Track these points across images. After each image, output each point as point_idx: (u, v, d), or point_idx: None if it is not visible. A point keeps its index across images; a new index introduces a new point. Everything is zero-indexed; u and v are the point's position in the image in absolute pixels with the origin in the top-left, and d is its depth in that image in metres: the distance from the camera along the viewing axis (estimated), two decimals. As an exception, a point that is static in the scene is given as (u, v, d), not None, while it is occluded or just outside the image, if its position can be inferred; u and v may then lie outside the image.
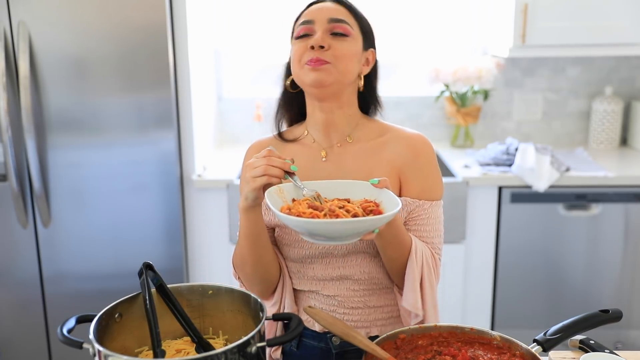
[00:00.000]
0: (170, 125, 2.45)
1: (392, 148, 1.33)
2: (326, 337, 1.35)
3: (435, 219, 1.33)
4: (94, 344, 0.98)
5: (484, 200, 2.64)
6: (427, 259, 1.29)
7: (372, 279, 1.34)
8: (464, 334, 1.17)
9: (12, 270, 2.55)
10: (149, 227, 2.53)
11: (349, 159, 1.34)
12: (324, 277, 1.34)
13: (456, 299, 2.72)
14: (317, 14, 1.30)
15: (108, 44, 2.36)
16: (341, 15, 1.30)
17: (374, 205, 1.15)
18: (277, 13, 3.10)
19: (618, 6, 2.67)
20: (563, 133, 3.22)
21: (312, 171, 1.33)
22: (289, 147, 1.38)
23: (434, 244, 1.34)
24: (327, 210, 1.10)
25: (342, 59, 1.27)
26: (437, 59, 3.15)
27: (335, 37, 1.28)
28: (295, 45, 1.31)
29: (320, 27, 1.28)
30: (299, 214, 1.09)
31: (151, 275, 1.09)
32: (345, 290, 1.34)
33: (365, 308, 1.35)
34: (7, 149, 2.36)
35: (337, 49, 1.27)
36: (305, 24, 1.30)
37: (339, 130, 1.35)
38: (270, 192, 1.15)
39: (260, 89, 3.20)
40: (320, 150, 1.36)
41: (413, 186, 1.32)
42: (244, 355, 0.96)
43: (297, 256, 1.35)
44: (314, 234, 1.08)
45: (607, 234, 2.67)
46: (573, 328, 1.19)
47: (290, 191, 1.19)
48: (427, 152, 1.34)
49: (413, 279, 1.26)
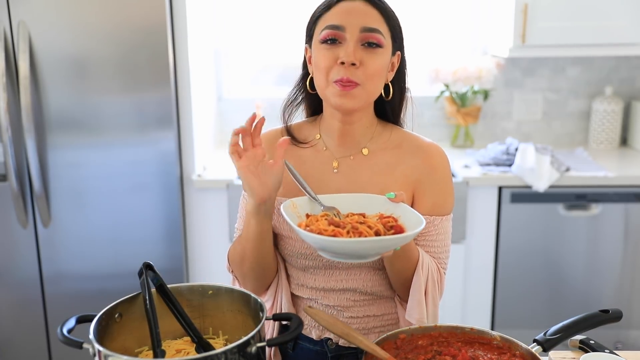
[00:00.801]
0: (170, 125, 2.45)
1: (408, 160, 1.27)
2: (322, 341, 1.34)
3: (445, 234, 1.30)
4: (94, 344, 0.98)
5: (484, 200, 2.64)
6: (433, 273, 1.25)
7: (374, 291, 1.31)
8: (464, 334, 1.17)
9: (12, 270, 2.55)
10: (149, 227, 2.53)
11: (362, 173, 1.27)
12: (325, 288, 1.31)
13: (456, 299, 2.72)
14: (348, 19, 1.17)
15: (108, 44, 2.36)
16: (375, 22, 1.18)
17: (393, 221, 1.10)
18: (277, 13, 3.10)
19: (618, 6, 2.67)
20: (563, 133, 3.22)
21: (321, 182, 1.27)
22: (298, 152, 1.31)
23: (441, 259, 1.30)
24: (350, 228, 1.05)
25: (373, 77, 1.19)
26: (437, 59, 3.15)
27: (366, 48, 1.18)
28: (321, 52, 1.19)
29: (352, 36, 1.17)
30: (320, 232, 1.04)
31: (151, 275, 1.09)
32: (346, 301, 1.31)
33: (365, 317, 1.33)
34: (7, 149, 2.36)
35: (368, 66, 1.17)
36: (334, 28, 1.18)
37: (355, 140, 1.28)
38: (285, 207, 1.13)
39: (260, 89, 3.20)
40: (332, 159, 1.29)
41: (426, 201, 1.27)
42: (244, 355, 0.96)
43: (300, 266, 1.31)
44: (336, 252, 1.04)
45: (607, 234, 2.67)
46: (573, 328, 1.19)
47: (304, 205, 1.16)
48: (443, 166, 1.28)
49: (419, 293, 1.23)
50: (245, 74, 3.21)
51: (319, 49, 1.20)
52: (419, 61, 3.18)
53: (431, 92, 3.16)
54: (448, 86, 3.08)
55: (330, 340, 1.33)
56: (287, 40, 3.04)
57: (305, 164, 1.30)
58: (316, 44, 1.22)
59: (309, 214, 1.15)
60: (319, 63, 1.20)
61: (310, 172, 1.28)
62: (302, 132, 1.33)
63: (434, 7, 3.14)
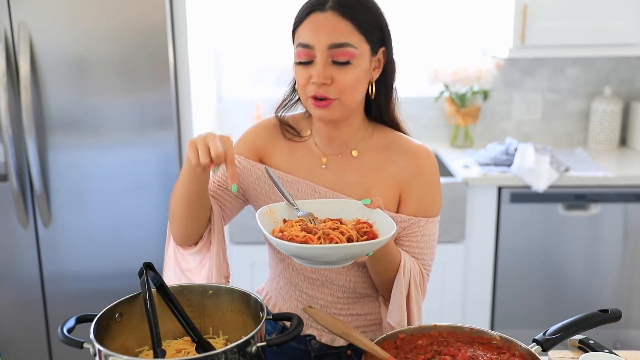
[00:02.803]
0: (171, 126, 2.45)
1: (396, 161, 1.28)
2: (305, 340, 1.35)
3: (430, 236, 1.30)
4: (94, 343, 0.98)
5: (483, 200, 2.64)
6: (415, 276, 1.26)
7: (357, 289, 1.33)
8: (463, 333, 1.17)
9: (13, 270, 2.55)
10: (149, 227, 2.53)
11: (349, 172, 1.29)
12: (309, 274, 1.33)
13: (456, 299, 2.72)
14: (316, 37, 1.17)
15: (108, 44, 2.36)
16: (343, 35, 1.17)
17: (367, 227, 1.12)
18: (277, 13, 3.10)
19: (618, 6, 2.68)
20: (562, 133, 3.23)
21: (309, 177, 1.30)
22: (289, 145, 1.34)
23: (425, 261, 1.31)
24: (321, 234, 1.07)
25: (347, 90, 1.19)
26: (436, 60, 3.16)
27: (336, 65, 1.18)
28: (297, 71, 1.22)
29: (322, 55, 1.17)
30: (292, 238, 1.06)
31: (151, 275, 1.09)
32: (330, 296, 1.33)
33: (348, 315, 1.34)
34: (8, 149, 2.36)
35: (340, 82, 1.18)
36: (305, 47, 1.19)
37: (343, 142, 1.30)
38: (261, 213, 1.14)
39: (260, 89, 3.20)
40: (321, 155, 1.31)
41: (412, 203, 1.28)
42: (244, 355, 0.96)
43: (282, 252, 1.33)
44: (307, 259, 1.06)
45: (607, 234, 2.68)
46: (572, 328, 1.19)
47: (282, 211, 1.18)
48: (430, 168, 1.29)
49: (400, 297, 1.24)
50: (245, 74, 3.22)
51: (295, 66, 1.23)
52: (419, 61, 3.19)
53: (431, 92, 3.17)
54: (448, 86, 3.08)
55: (314, 339, 1.34)
56: (287, 40, 3.04)
57: (295, 158, 1.32)
58: (294, 57, 1.24)
59: (286, 219, 1.17)
60: (297, 79, 1.23)
61: (299, 165, 1.30)
62: (299, 124, 1.36)
63: (433, 8, 3.14)
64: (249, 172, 1.33)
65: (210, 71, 3.00)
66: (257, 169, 1.33)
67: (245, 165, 1.33)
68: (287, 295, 1.39)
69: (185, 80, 2.48)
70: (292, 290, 1.37)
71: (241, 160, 1.34)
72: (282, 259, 1.36)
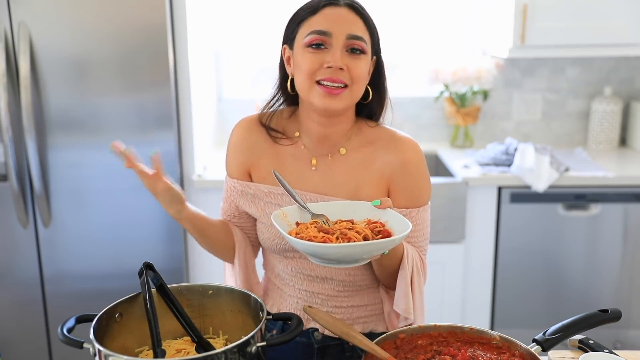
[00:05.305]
0: (171, 126, 2.45)
1: (382, 157, 1.30)
2: (308, 332, 1.36)
3: (423, 224, 1.33)
4: (94, 343, 0.98)
5: (483, 200, 2.64)
6: (417, 263, 1.30)
7: (356, 281, 1.34)
8: (463, 333, 1.18)
9: (13, 270, 2.55)
10: (149, 227, 2.53)
11: (339, 171, 1.31)
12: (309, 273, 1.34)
13: (456, 299, 2.72)
14: (334, 26, 1.21)
15: (108, 44, 2.36)
16: (359, 30, 1.23)
17: (380, 226, 1.14)
18: (277, 14, 3.10)
19: (618, 6, 2.68)
20: (562, 133, 3.23)
21: (300, 180, 1.31)
22: (278, 148, 1.34)
23: (421, 247, 1.34)
24: (339, 234, 1.09)
25: (358, 81, 1.23)
26: (436, 60, 3.16)
27: (350, 54, 1.22)
28: (306, 56, 1.22)
29: (338, 42, 1.21)
30: (310, 239, 1.08)
31: (151, 275, 1.09)
32: (331, 291, 1.35)
33: (349, 307, 1.36)
34: (8, 149, 2.36)
35: (354, 70, 1.21)
36: (320, 34, 1.21)
37: (333, 142, 1.32)
38: (275, 216, 1.16)
39: (260, 89, 3.20)
40: (310, 157, 1.32)
41: (401, 195, 1.30)
42: (244, 355, 0.96)
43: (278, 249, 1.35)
44: (327, 258, 1.08)
45: (607, 234, 2.68)
46: (572, 328, 1.19)
47: (294, 214, 1.20)
48: (415, 159, 1.31)
49: (405, 285, 1.26)
50: (245, 74, 3.22)
51: (304, 52, 1.23)
52: (418, 61, 3.19)
53: (431, 92, 3.16)
54: (447, 86, 3.08)
55: (317, 330, 1.35)
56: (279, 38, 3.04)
57: (285, 161, 1.33)
58: (300, 47, 1.24)
59: (299, 222, 1.19)
60: (303, 65, 1.22)
61: (289, 168, 1.32)
62: (284, 126, 1.36)
63: (433, 8, 3.14)
64: (245, 192, 1.37)
65: (210, 71, 3.01)
66: (249, 189, 1.36)
67: (238, 187, 1.38)
68: (287, 295, 1.39)
69: (185, 81, 2.49)
70: (292, 289, 1.38)
71: (235, 184, 1.38)
72: (281, 259, 1.37)
